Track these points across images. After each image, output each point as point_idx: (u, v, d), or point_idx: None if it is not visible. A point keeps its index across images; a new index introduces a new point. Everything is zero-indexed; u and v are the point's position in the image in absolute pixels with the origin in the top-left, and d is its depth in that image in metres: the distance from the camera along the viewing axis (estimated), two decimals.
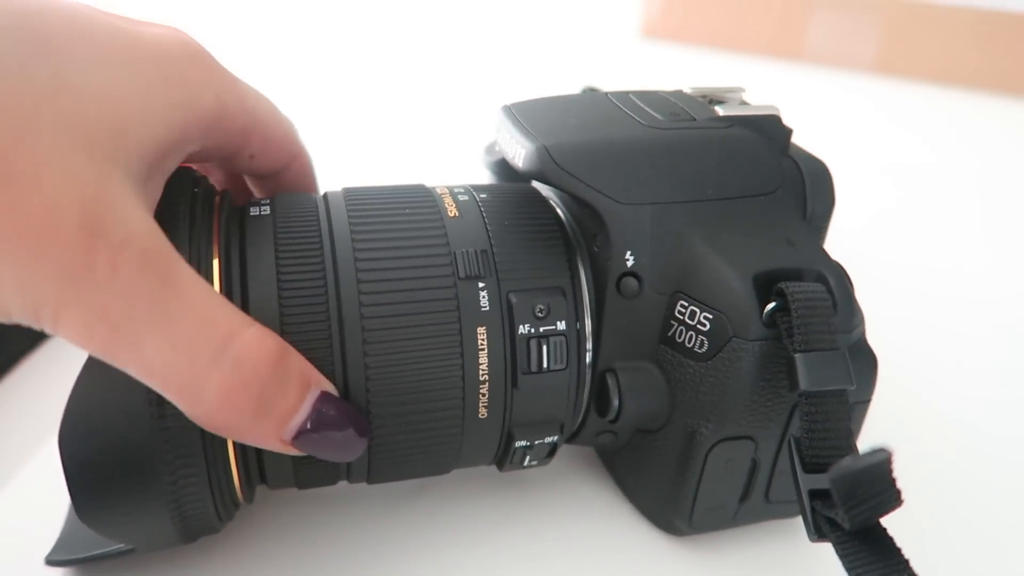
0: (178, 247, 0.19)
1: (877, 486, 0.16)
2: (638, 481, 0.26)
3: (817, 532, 0.20)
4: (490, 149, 0.33)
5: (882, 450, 0.16)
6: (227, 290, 0.21)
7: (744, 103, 0.26)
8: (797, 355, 0.21)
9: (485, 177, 0.33)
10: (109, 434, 0.19)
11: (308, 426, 0.19)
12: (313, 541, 0.26)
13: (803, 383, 0.20)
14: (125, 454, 0.19)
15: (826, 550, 0.26)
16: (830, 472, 0.17)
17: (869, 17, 0.78)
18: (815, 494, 0.20)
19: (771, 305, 0.22)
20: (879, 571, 0.17)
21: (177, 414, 0.19)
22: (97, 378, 0.19)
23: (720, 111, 0.25)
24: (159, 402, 0.19)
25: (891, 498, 0.17)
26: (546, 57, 0.82)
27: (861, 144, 0.63)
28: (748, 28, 0.82)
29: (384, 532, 0.26)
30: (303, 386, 0.19)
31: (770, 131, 0.25)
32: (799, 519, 0.27)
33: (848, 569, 0.18)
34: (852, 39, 0.79)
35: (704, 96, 0.27)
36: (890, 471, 0.16)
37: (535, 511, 0.27)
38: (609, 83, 0.34)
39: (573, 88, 0.34)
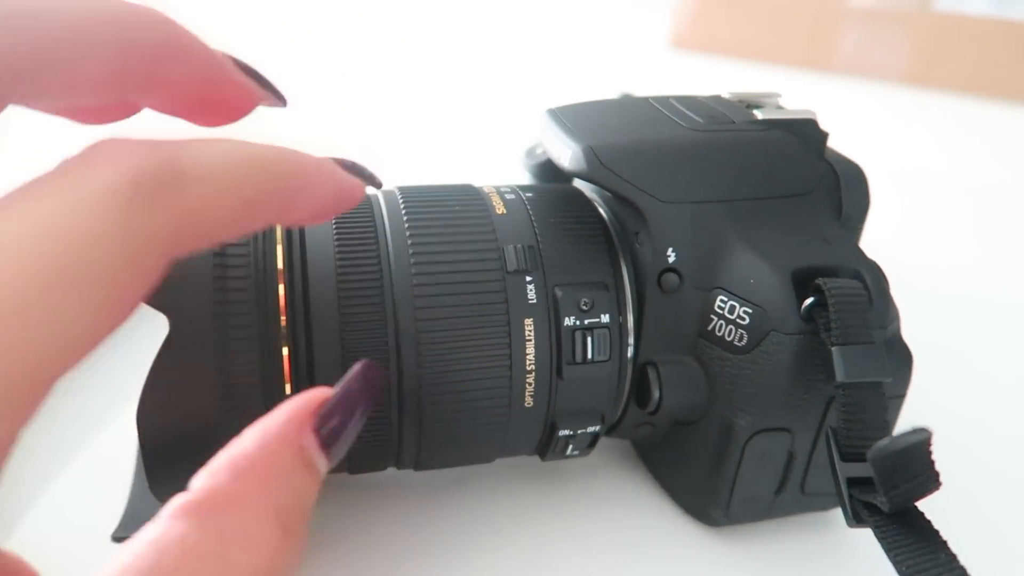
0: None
1: (917, 467, 0.17)
2: (675, 472, 0.27)
3: (855, 518, 0.20)
4: (531, 152, 0.34)
5: (921, 430, 0.17)
6: (289, 278, 0.22)
7: (780, 108, 0.27)
8: (835, 348, 0.21)
9: (526, 179, 0.35)
10: (182, 413, 0.21)
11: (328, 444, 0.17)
12: (359, 526, 0.27)
13: (840, 375, 0.21)
14: (196, 432, 0.21)
15: (860, 543, 0.26)
16: (870, 452, 0.17)
17: (900, 28, 0.78)
18: (853, 482, 0.21)
19: (809, 300, 0.22)
20: (918, 552, 0.18)
21: (243, 396, 0.21)
22: (172, 362, 0.20)
23: (758, 115, 0.26)
24: (226, 385, 0.21)
25: (930, 480, 0.17)
26: (576, 66, 0.83)
27: (892, 154, 0.63)
28: (778, 39, 0.83)
29: (428, 519, 0.27)
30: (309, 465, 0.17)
31: (806, 134, 0.26)
32: (835, 512, 0.27)
33: (888, 551, 0.18)
34: (883, 50, 0.79)
35: (741, 101, 0.28)
36: (929, 452, 0.17)
37: (573, 502, 0.28)
38: (641, 93, 0.35)
39: (607, 95, 0.35)
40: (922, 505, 0.19)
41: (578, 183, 0.29)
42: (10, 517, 0.27)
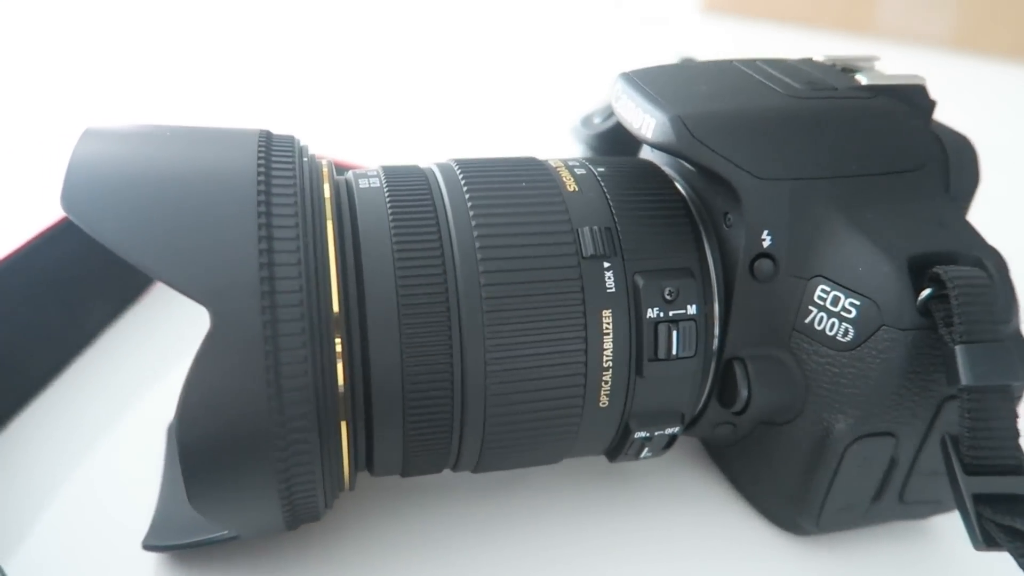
0: (289, 215, 0.19)
1: None
2: (757, 476, 0.25)
3: (986, 540, 0.18)
4: (587, 122, 0.31)
5: None
6: (341, 259, 0.20)
7: (880, 73, 0.24)
8: (958, 347, 0.19)
9: (578, 152, 0.32)
10: (225, 418, 0.18)
11: None
12: (411, 531, 0.25)
13: (965, 377, 0.19)
14: (240, 439, 0.18)
15: (961, 553, 0.24)
16: None
17: None
18: (980, 498, 0.18)
19: (926, 291, 0.20)
20: None
21: (295, 400, 0.18)
22: (214, 362, 0.18)
23: (862, 80, 0.23)
24: (276, 384, 0.18)
25: None
26: (606, 32, 0.79)
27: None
28: (814, 0, 0.79)
29: (484, 523, 0.25)
30: None
31: (916, 102, 0.23)
32: (930, 521, 0.25)
33: None
34: (926, 13, 0.75)
35: (835, 64, 0.25)
36: None
37: (642, 505, 0.26)
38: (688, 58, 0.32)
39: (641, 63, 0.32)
40: None
41: (649, 155, 0.26)
42: (22, 523, 0.24)
